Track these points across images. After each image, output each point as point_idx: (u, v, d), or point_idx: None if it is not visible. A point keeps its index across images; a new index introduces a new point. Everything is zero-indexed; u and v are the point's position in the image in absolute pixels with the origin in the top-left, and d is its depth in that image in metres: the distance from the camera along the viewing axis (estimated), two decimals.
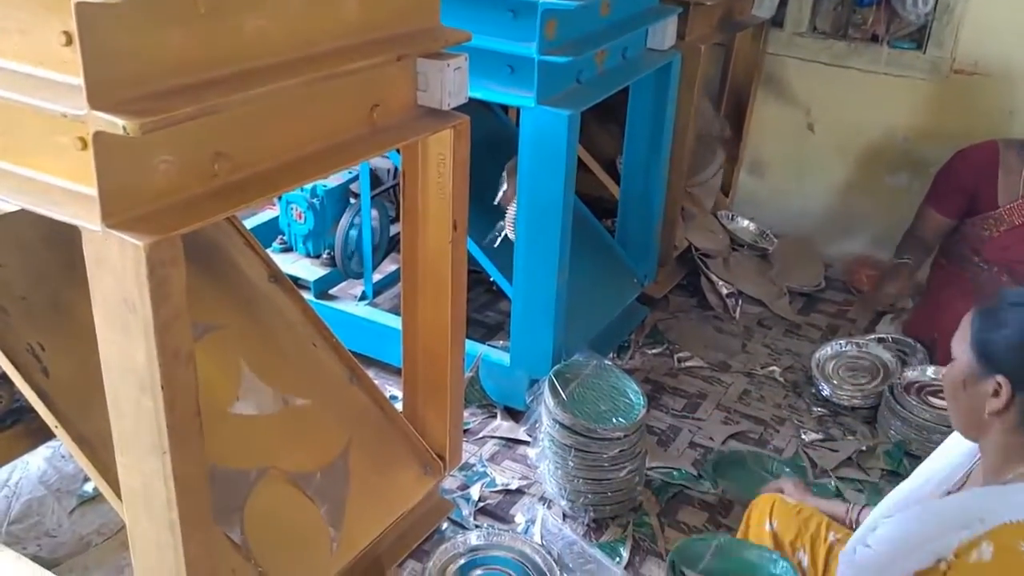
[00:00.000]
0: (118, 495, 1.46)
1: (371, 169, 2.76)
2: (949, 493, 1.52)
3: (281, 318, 2.02)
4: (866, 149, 3.52)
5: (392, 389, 2.54)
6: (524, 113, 2.23)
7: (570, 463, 2.19)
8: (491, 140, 2.73)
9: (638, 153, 2.84)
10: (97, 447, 1.59)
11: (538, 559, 2.05)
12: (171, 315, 1.22)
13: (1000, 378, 1.37)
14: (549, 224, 2.30)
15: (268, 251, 2.85)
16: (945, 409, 2.11)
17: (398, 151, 1.92)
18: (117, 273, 1.19)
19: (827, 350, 2.90)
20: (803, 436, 2.61)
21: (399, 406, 2.12)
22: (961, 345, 1.45)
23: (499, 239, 2.52)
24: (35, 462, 2.25)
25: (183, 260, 1.23)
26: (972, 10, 3.18)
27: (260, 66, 1.31)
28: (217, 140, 1.28)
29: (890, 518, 1.52)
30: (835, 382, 2.79)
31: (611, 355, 2.83)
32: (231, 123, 1.29)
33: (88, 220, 1.17)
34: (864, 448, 2.54)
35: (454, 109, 1.71)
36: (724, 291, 3.20)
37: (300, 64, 1.36)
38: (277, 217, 2.94)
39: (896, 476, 2.35)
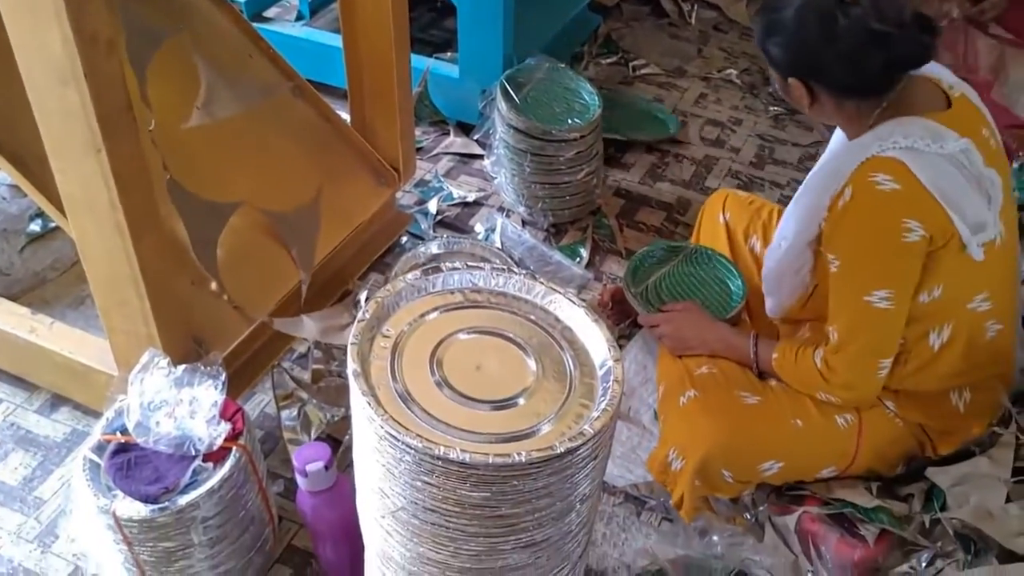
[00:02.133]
0: (62, 212, 1.42)
1: None
2: None
3: (214, 29, 1.89)
4: None
5: (340, 113, 2.44)
6: None
7: (527, 169, 2.16)
8: None
9: None
10: (31, 165, 1.52)
11: (499, 263, 2.05)
12: None
13: (793, 80, 1.40)
14: None
15: None
16: None
17: None
18: None
19: None
20: (760, 136, 2.59)
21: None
22: (770, 69, 1.46)
23: None
24: None
25: None
26: None
27: None
28: None
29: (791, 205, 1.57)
30: None
31: (564, 66, 2.73)
32: None
33: None
34: (819, 139, 2.54)
35: None
36: None
37: None
38: None
39: None
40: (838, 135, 1.54)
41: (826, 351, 1.44)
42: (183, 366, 1.43)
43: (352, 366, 0.99)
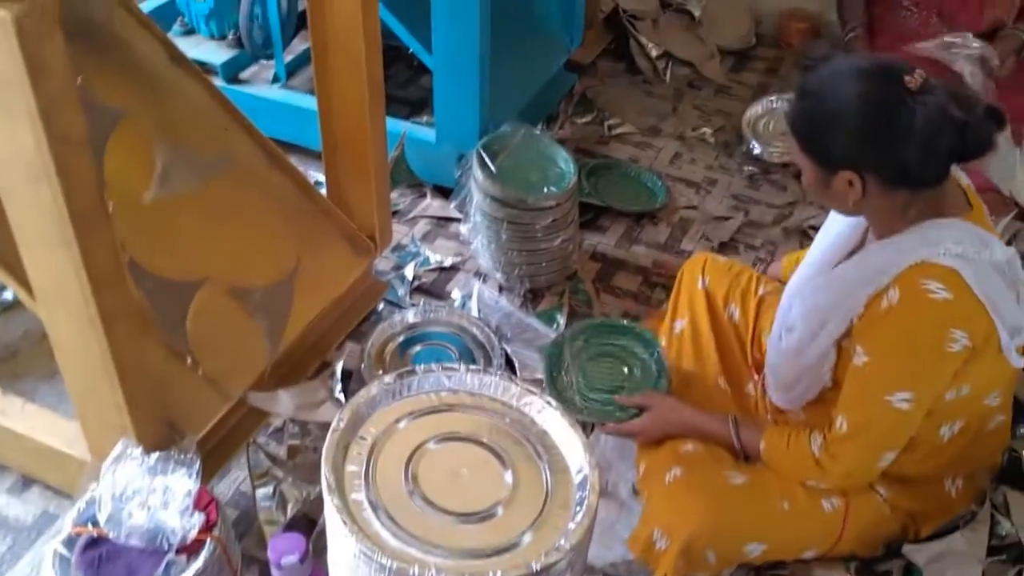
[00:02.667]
0: (31, 295, 1.40)
1: None
2: (849, 256, 1.52)
3: (187, 103, 1.89)
4: None
5: (316, 175, 2.45)
6: None
7: (503, 236, 2.16)
8: None
9: None
10: (3, 248, 1.51)
11: (476, 331, 2.06)
12: (55, 93, 1.11)
13: (844, 173, 1.34)
14: None
15: (169, 35, 2.67)
16: None
17: None
18: None
19: (758, 108, 2.86)
20: (735, 197, 2.62)
21: (324, 193, 2.06)
22: (798, 155, 1.41)
23: None
24: None
25: (60, 32, 1.11)
26: None
27: None
28: None
29: (799, 297, 1.55)
30: (766, 140, 2.77)
31: (540, 126, 2.74)
32: None
33: None
34: (793, 200, 2.57)
35: None
36: (654, 53, 3.10)
37: None
38: None
39: None
40: (838, 225, 1.53)
41: (830, 438, 1.43)
42: (156, 454, 1.41)
43: (326, 478, 0.98)
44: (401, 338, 2.05)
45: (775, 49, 3.37)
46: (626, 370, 1.89)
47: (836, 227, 1.57)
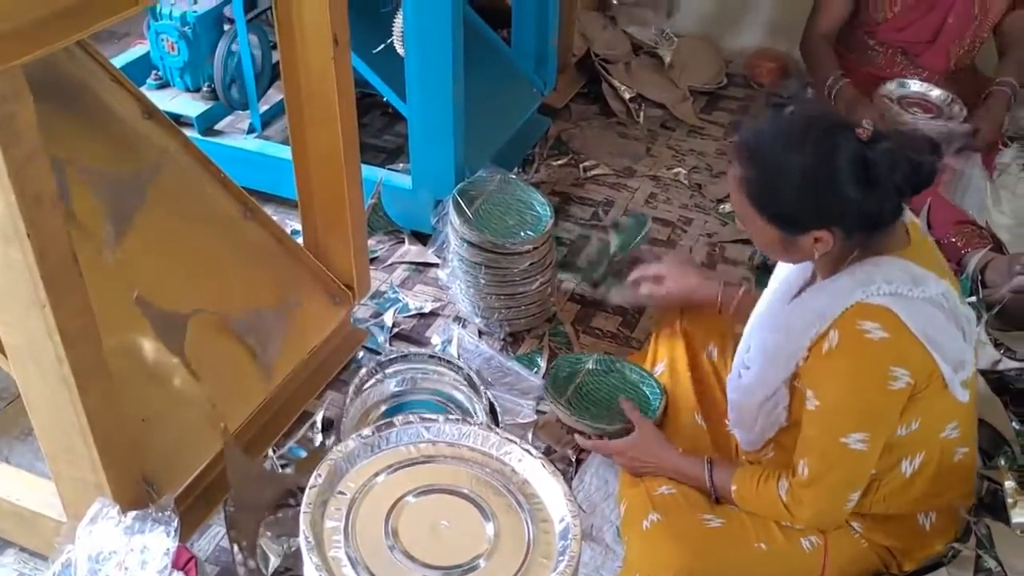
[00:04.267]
0: (4, 355, 1.39)
1: None
2: (798, 295, 1.54)
3: (163, 157, 1.89)
4: None
5: (293, 224, 2.45)
6: None
7: (481, 280, 2.16)
8: None
9: None
10: None
11: (460, 396, 1.98)
12: (25, 156, 1.11)
13: (817, 233, 1.35)
14: (439, 36, 2.17)
15: (143, 89, 2.68)
16: None
17: None
18: None
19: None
20: (710, 236, 2.63)
21: (301, 241, 2.06)
22: (755, 222, 1.41)
23: (384, 45, 2.39)
24: None
25: (29, 95, 1.11)
26: None
27: None
28: None
29: (755, 335, 1.57)
30: None
31: (516, 169, 2.77)
32: None
33: None
34: None
35: None
36: (626, 96, 3.13)
37: None
38: (148, 52, 2.73)
39: None
40: (782, 264, 1.56)
41: (794, 484, 1.44)
42: (133, 513, 1.39)
43: (305, 536, 0.97)
44: (384, 407, 1.98)
45: (746, 88, 3.42)
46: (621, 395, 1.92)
47: (787, 266, 1.59)
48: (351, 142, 1.87)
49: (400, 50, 2.32)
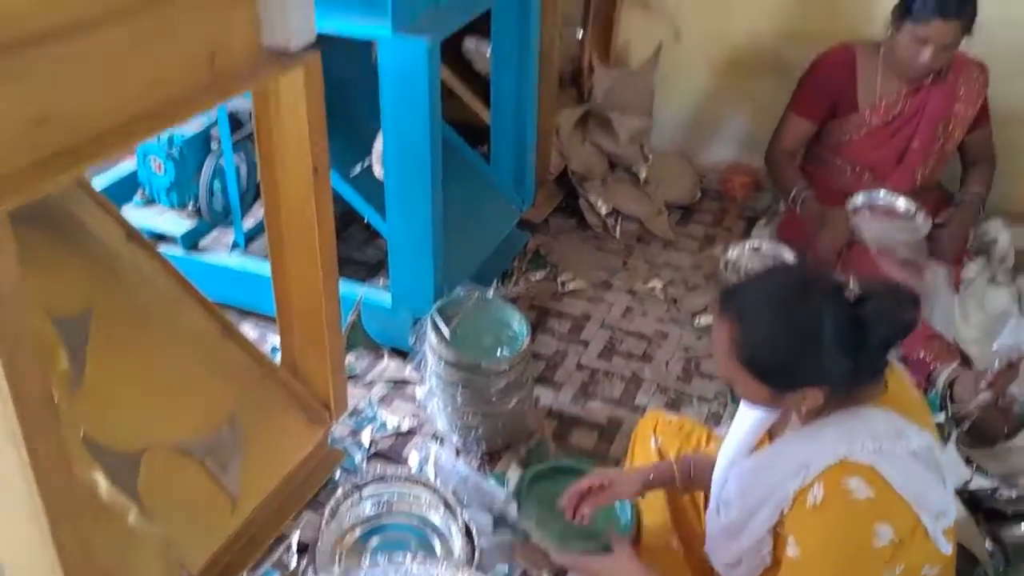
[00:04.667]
0: None
1: (231, 112, 2.63)
2: (771, 437, 1.55)
3: (143, 280, 1.92)
4: (731, 55, 3.54)
5: (274, 339, 2.47)
6: (381, 45, 2.14)
7: (458, 399, 2.18)
8: (351, 70, 2.63)
9: (506, 77, 2.78)
10: None
11: (437, 519, 1.98)
12: (4, 295, 1.14)
13: (807, 390, 1.37)
14: (418, 159, 2.24)
15: (130, 205, 2.74)
16: None
17: None
18: None
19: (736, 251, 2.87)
20: (686, 349, 2.67)
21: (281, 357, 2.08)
22: (742, 379, 1.42)
23: (362, 167, 2.45)
24: None
25: (11, 238, 1.14)
26: None
27: (78, 17, 1.21)
28: (38, 104, 1.18)
29: (733, 474, 1.56)
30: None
31: (495, 283, 2.81)
32: (52, 83, 1.20)
33: None
34: None
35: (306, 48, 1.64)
36: (603, 211, 3.21)
37: (122, 14, 1.27)
38: (136, 171, 2.79)
39: None
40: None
41: None
42: None
43: None
44: (359, 531, 1.95)
45: (719, 202, 3.51)
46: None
47: (751, 411, 1.59)
48: (329, 266, 1.91)
49: (378, 172, 2.39)
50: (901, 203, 2.70)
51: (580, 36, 3.35)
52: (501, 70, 2.78)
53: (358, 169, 2.48)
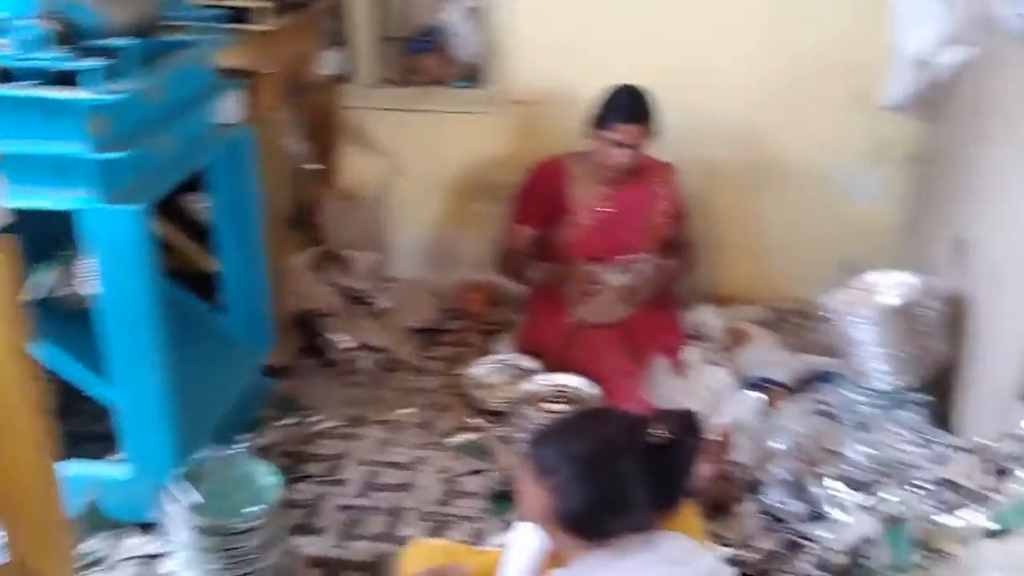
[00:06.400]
0: None
1: None
2: (557, 561, 1.61)
3: None
4: (452, 183, 3.73)
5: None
6: (88, 215, 2.09)
7: (216, 565, 2.09)
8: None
9: (229, 230, 2.78)
10: None
11: None
12: None
13: (617, 532, 1.48)
14: (140, 323, 2.18)
15: None
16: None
17: None
18: None
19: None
20: (445, 471, 2.71)
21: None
22: (554, 531, 1.52)
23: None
24: None
25: None
26: (514, 49, 3.49)
27: None
28: None
29: None
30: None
31: (244, 437, 2.73)
32: None
33: None
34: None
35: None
36: (343, 346, 3.23)
37: None
38: None
39: None
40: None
41: None
42: None
43: None
44: None
45: (460, 320, 3.62)
46: None
47: (528, 527, 1.66)
48: (43, 462, 1.79)
49: (85, 290, 2.26)
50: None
51: (308, 174, 3.43)
52: (224, 220, 2.77)
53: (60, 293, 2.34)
